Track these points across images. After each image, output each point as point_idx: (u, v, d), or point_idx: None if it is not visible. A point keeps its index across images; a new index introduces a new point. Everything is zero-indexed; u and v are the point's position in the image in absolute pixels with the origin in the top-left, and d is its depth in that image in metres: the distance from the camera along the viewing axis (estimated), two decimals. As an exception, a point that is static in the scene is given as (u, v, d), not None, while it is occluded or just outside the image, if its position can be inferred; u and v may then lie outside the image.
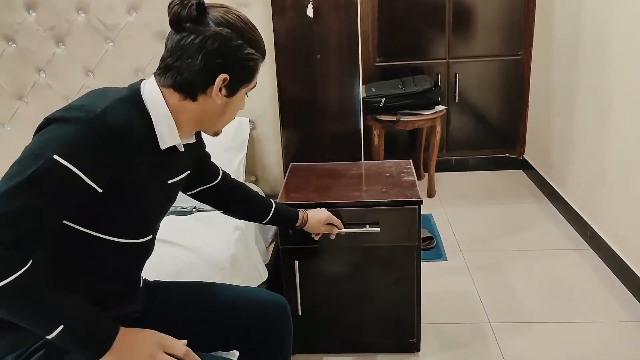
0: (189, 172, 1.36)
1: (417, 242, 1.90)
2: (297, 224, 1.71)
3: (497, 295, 2.45)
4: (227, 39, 1.13)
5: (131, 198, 1.14)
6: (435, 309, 2.33)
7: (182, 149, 1.22)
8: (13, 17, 2.19)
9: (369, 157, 3.72)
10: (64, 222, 1.09)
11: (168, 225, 1.90)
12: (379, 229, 1.86)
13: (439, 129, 3.39)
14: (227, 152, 2.12)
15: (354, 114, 2.25)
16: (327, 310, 2.00)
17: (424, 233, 2.96)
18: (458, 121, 3.84)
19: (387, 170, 2.14)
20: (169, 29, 1.15)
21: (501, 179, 3.81)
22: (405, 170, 2.12)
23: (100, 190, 1.05)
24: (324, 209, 1.79)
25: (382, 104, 3.33)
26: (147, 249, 1.28)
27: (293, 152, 2.26)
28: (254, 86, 1.24)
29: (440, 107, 3.41)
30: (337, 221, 1.80)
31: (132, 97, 1.14)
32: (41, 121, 1.05)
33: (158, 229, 1.32)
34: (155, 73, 1.18)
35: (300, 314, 1.96)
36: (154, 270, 1.42)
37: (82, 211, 1.07)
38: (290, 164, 2.25)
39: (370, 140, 3.50)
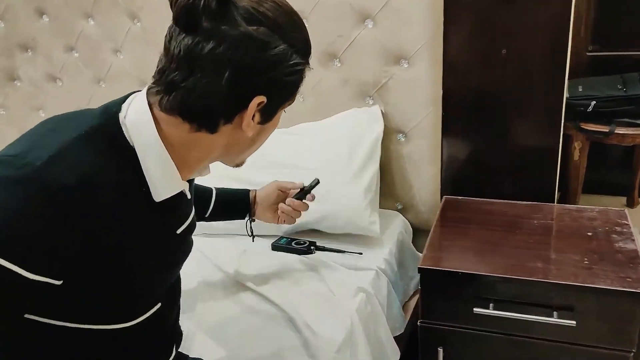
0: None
1: (633, 349, 1.23)
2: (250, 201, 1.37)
3: None
4: (265, 45, 0.77)
5: (114, 277, 0.78)
6: None
7: (190, 196, 0.92)
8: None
9: (563, 174, 2.93)
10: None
11: (269, 267, 1.48)
12: (574, 322, 1.22)
13: (671, 147, 2.50)
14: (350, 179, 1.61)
15: (550, 132, 1.59)
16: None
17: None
18: None
19: (589, 224, 1.45)
20: (308, 5, 0.81)
21: None
22: (619, 227, 1.42)
23: (58, 283, 0.70)
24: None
25: (590, 109, 2.54)
26: (154, 326, 0.89)
27: (455, 177, 1.67)
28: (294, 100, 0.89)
29: (677, 118, 2.50)
30: (288, 186, 1.36)
31: (104, 129, 0.77)
32: None
33: (176, 288, 1.00)
34: (149, 90, 0.80)
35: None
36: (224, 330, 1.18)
37: (42, 304, 0.73)
38: (444, 197, 1.66)
39: (568, 154, 2.71)
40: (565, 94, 2.69)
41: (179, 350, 1.05)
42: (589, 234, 1.41)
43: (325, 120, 1.78)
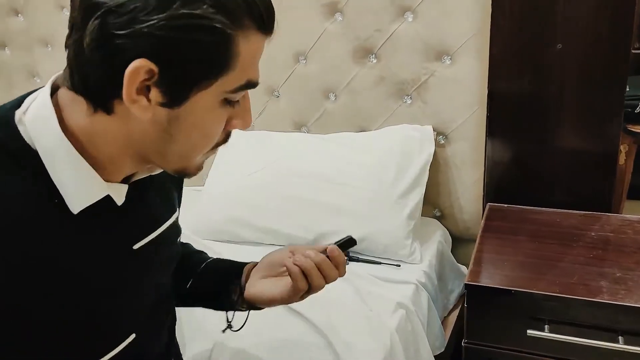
0: (176, 213, 0.83)
1: None
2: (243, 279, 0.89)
3: None
4: None
5: (46, 314, 0.62)
6: None
7: (121, 201, 0.68)
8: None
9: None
10: None
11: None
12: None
13: None
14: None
15: (608, 135, 1.45)
16: None
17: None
18: None
19: (656, 239, 1.31)
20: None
21: None
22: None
23: None
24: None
25: (638, 110, 2.38)
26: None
27: (500, 183, 1.54)
28: (243, 86, 0.63)
29: None
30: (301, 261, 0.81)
31: None
32: None
33: (159, 312, 0.81)
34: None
35: None
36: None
37: None
38: (488, 205, 1.52)
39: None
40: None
41: None
42: (657, 248, 1.27)
43: (372, 133, 1.66)
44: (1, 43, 2.25)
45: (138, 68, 0.56)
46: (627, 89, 2.61)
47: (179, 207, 0.88)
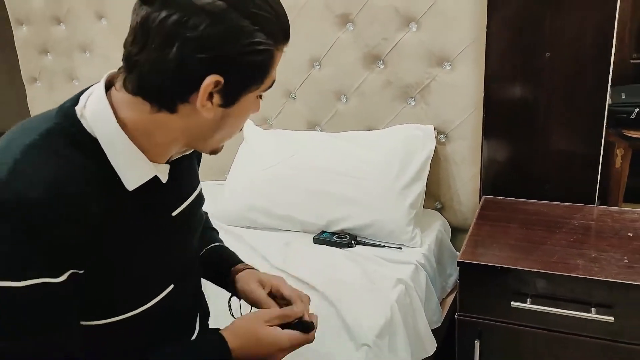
0: (200, 184, 1.01)
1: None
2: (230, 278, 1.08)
3: None
4: (217, 19, 0.71)
5: (116, 267, 0.80)
6: None
7: (165, 179, 0.85)
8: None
9: (604, 182, 2.90)
10: None
11: (312, 259, 1.53)
12: (612, 318, 1.23)
13: None
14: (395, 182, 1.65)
15: (591, 138, 1.61)
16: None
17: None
18: None
19: (630, 225, 1.46)
20: (354, 8, 0.76)
21: None
22: (662, 230, 1.42)
23: (59, 280, 0.73)
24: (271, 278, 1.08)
25: (633, 115, 2.51)
26: (170, 308, 0.90)
27: (495, 179, 1.69)
28: (271, 85, 0.82)
29: None
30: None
31: (61, 128, 0.75)
32: None
33: (188, 267, 0.97)
34: (119, 70, 0.78)
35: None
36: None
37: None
38: (483, 196, 1.68)
39: (610, 161, 2.69)
40: (608, 101, 2.69)
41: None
42: (630, 234, 1.42)
43: (379, 132, 1.81)
44: (44, 49, 2.44)
45: (212, 82, 0.73)
46: (623, 97, 2.75)
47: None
